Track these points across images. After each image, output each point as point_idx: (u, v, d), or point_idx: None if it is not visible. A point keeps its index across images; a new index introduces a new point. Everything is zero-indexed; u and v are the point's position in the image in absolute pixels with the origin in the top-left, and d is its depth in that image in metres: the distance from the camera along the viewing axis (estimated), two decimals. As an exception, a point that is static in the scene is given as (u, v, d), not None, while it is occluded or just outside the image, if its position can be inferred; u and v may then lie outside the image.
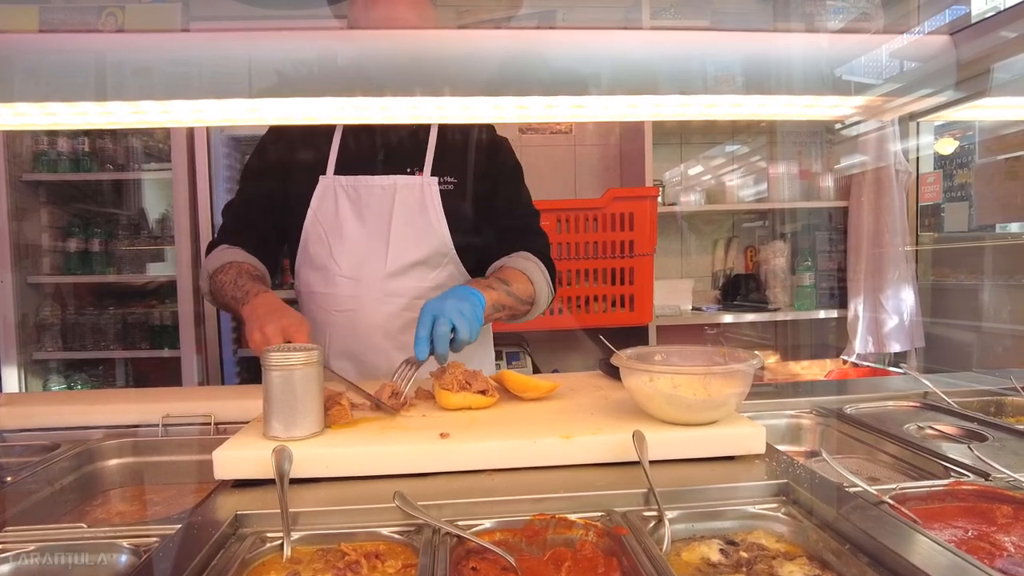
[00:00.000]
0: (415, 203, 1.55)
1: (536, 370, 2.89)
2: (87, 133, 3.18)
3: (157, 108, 0.85)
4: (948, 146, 3.22)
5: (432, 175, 1.56)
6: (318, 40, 0.82)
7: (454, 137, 1.61)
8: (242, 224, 1.61)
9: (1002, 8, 0.71)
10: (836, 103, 0.79)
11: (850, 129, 3.50)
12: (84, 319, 3.17)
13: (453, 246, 1.58)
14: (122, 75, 0.80)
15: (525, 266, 1.57)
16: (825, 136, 3.65)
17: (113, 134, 3.23)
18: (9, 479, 1.05)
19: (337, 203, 1.55)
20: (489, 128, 1.70)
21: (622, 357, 1.07)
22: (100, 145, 3.20)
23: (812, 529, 0.84)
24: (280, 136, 1.63)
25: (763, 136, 3.67)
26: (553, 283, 1.66)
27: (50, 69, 0.81)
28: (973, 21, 0.73)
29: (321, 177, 1.56)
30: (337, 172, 1.56)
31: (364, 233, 1.55)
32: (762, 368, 1.07)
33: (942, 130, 3.27)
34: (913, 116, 2.92)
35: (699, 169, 3.68)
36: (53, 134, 3.15)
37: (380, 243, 1.55)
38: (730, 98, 0.75)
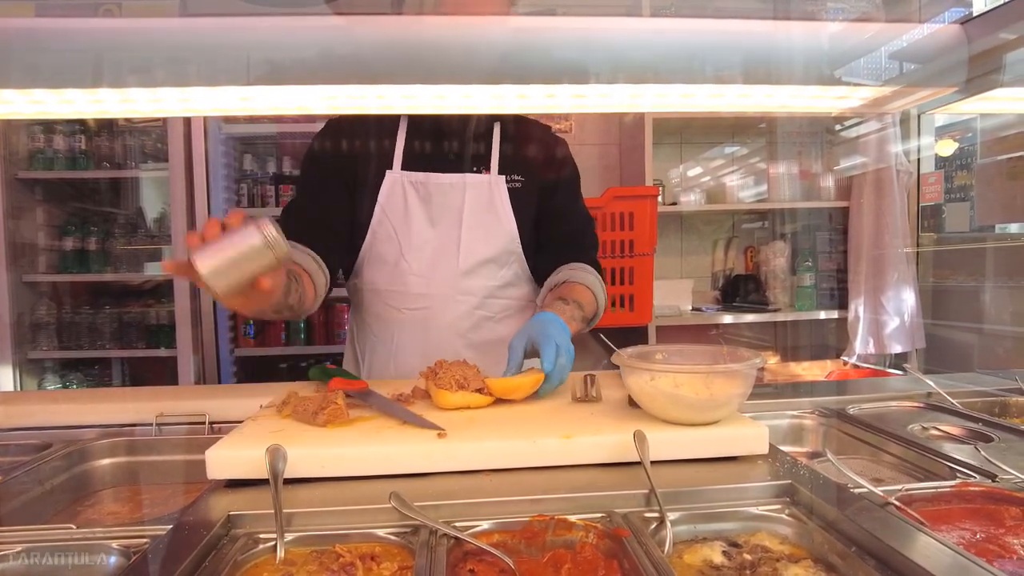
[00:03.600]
0: (484, 201, 1.55)
1: (535, 370, 2.86)
2: (83, 131, 3.16)
3: (146, 96, 0.83)
4: (948, 147, 3.21)
5: (499, 174, 1.56)
6: (313, 27, 0.81)
7: (517, 137, 1.62)
8: (305, 222, 1.53)
9: (1011, -1, 0.70)
10: (844, 94, 0.77)
11: (851, 129, 3.49)
12: (80, 318, 3.15)
13: (520, 244, 1.58)
14: (110, 62, 0.78)
15: (591, 282, 1.57)
16: (825, 137, 3.64)
17: (110, 132, 3.21)
18: (-1, 478, 1.04)
19: (406, 199, 1.53)
20: (547, 128, 1.71)
21: (623, 356, 1.06)
22: (97, 143, 3.18)
23: (817, 531, 0.82)
24: (340, 130, 1.59)
25: (763, 136, 3.66)
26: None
27: (37, 56, 0.79)
28: (984, 10, 0.71)
29: (388, 172, 1.53)
30: (404, 168, 1.54)
31: (434, 231, 1.54)
32: (762, 368, 1.06)
33: (943, 131, 3.26)
34: (923, 109, 2.90)
35: (699, 169, 3.67)
36: (49, 131, 3.13)
37: (451, 241, 1.53)
38: (736, 88, 0.73)
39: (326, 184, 1.56)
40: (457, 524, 0.83)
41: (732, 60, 0.70)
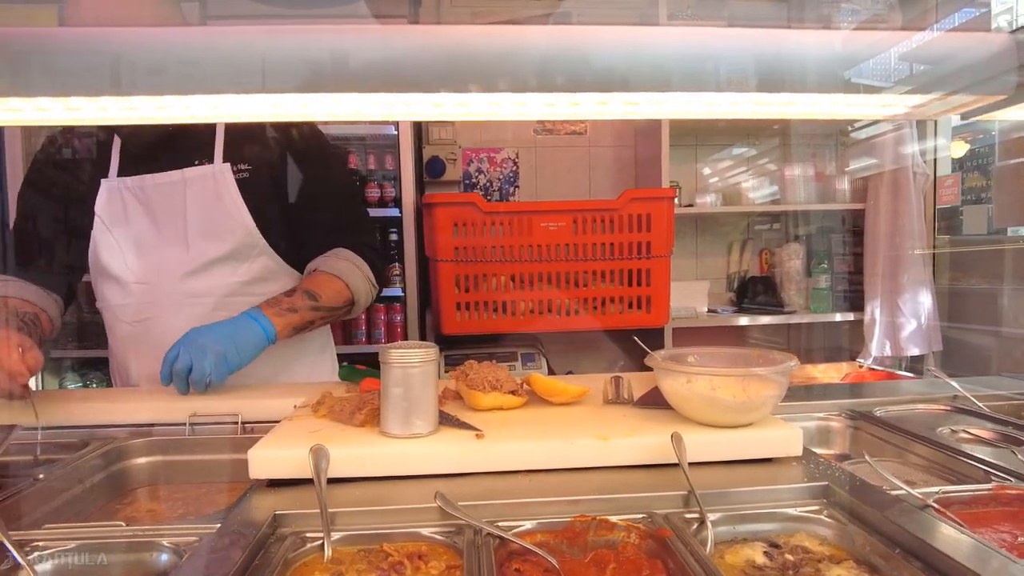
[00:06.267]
0: (210, 195, 1.45)
1: (551, 371, 2.88)
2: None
3: (179, 103, 0.85)
4: (960, 148, 3.20)
5: (225, 162, 1.47)
6: (338, 36, 0.82)
7: (249, 122, 1.53)
8: (26, 249, 1.51)
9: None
10: (889, 103, 0.78)
11: (864, 130, 3.48)
12: (100, 317, 3.16)
13: (262, 236, 1.49)
14: (142, 69, 0.80)
15: (340, 268, 1.51)
16: (839, 139, 3.64)
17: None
18: (41, 476, 1.05)
19: (125, 206, 1.46)
20: None
21: (657, 359, 1.07)
22: (116, 144, 3.20)
23: (858, 533, 0.83)
24: (55, 147, 1.54)
25: (777, 138, 3.66)
26: (380, 274, 1.60)
27: (70, 64, 0.80)
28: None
29: (103, 180, 1.47)
30: (121, 174, 1.47)
31: (158, 235, 1.47)
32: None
33: (959, 131, 3.25)
34: (966, 115, 2.91)
35: (715, 171, 3.67)
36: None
37: (177, 243, 1.46)
38: (784, 96, 0.74)
39: (47, 205, 1.52)
40: (500, 524, 0.84)
41: (776, 68, 0.71)
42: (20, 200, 1.56)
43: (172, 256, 1.47)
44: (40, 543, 0.81)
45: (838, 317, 3.35)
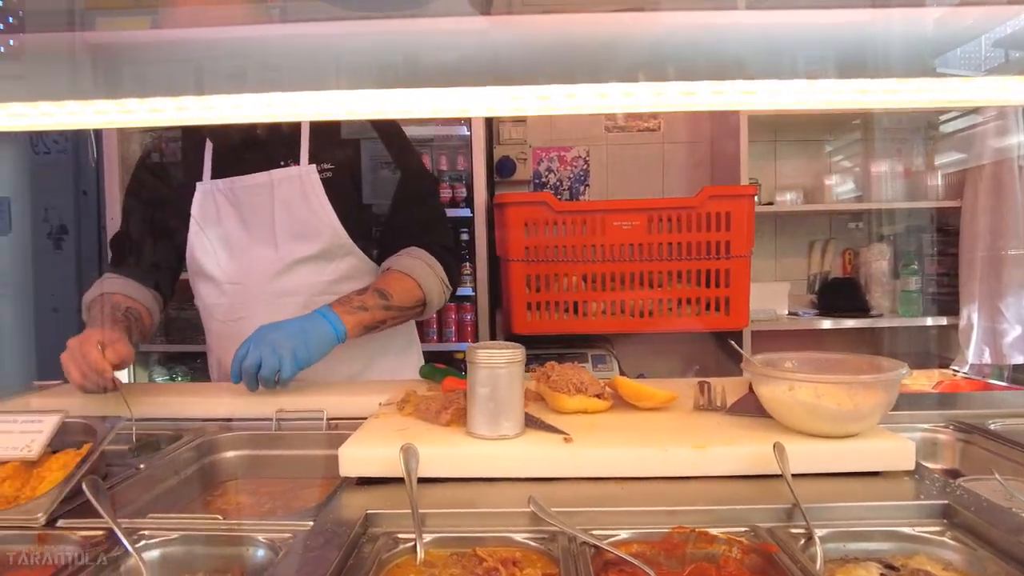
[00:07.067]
0: (297, 196, 1.49)
1: (622, 373, 2.83)
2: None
3: (287, 100, 0.85)
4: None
5: (311, 163, 1.49)
6: (441, 30, 0.81)
7: (331, 122, 1.52)
8: (129, 251, 1.60)
9: None
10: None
11: (957, 122, 3.26)
12: (186, 313, 3.30)
13: (349, 236, 1.51)
14: (224, 70, 0.81)
15: (412, 267, 1.51)
16: (928, 132, 3.43)
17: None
18: (142, 466, 1.09)
19: (218, 209, 1.52)
20: None
21: (756, 364, 1.01)
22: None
23: (989, 559, 0.76)
24: (155, 153, 1.62)
25: (859, 132, 3.48)
26: (453, 274, 1.60)
27: (181, 65, 0.82)
28: None
29: (198, 184, 1.53)
30: (214, 177, 1.53)
31: (248, 236, 1.51)
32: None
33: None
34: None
35: (794, 167, 3.52)
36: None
37: (267, 243, 1.50)
38: (985, 81, 0.67)
39: (148, 210, 1.58)
40: (594, 532, 0.81)
41: (915, 51, 0.65)
42: (124, 207, 1.71)
43: (262, 256, 1.51)
44: (146, 532, 0.84)
45: (928, 321, 3.15)
